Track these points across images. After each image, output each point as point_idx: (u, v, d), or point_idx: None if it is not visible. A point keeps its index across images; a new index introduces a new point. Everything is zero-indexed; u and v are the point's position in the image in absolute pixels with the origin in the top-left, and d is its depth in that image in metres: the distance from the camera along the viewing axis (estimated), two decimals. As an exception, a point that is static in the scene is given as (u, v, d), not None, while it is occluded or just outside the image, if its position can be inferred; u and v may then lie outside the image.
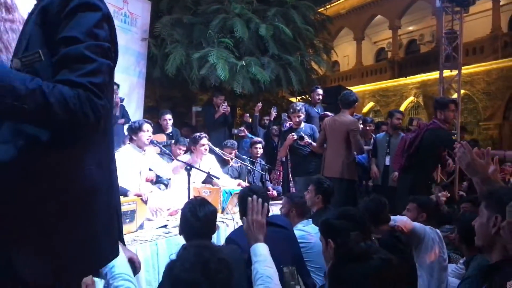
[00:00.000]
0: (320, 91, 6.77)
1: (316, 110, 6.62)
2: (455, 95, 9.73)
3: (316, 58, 9.07)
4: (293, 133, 5.28)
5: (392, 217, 2.82)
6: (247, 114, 8.10)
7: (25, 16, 1.34)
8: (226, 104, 7.06)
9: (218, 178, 4.43)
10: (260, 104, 7.50)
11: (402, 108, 17.21)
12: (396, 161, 4.94)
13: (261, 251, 1.95)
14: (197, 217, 2.23)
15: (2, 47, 1.37)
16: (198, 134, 4.94)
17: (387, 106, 18.13)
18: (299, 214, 3.19)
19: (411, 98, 17.65)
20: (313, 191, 3.50)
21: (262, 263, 1.89)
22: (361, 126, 6.04)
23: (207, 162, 4.90)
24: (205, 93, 9.31)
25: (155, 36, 7.60)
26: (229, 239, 2.48)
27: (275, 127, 7.22)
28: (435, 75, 14.00)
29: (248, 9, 7.68)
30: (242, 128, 7.24)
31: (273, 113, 7.37)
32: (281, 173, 6.43)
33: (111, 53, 1.19)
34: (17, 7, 1.47)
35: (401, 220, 2.85)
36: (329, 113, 6.16)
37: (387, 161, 5.62)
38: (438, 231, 3.04)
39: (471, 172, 1.98)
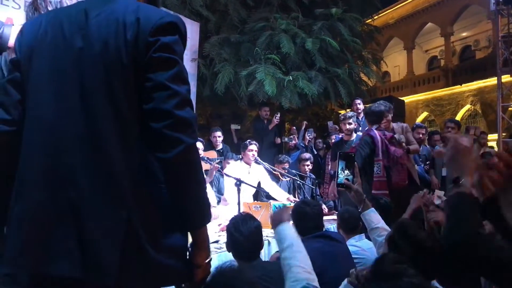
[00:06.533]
0: (357, 101, 6.64)
1: (362, 121, 6.56)
2: (516, 101, 9.22)
3: (365, 69, 8.95)
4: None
5: None
6: (294, 128, 8.13)
7: None
8: (279, 115, 7.23)
9: (267, 194, 4.46)
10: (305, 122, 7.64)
11: (458, 117, 16.49)
12: None
13: (288, 233, 1.69)
14: (241, 233, 2.20)
15: None
16: (248, 140, 5.11)
17: (442, 115, 17.47)
18: (347, 230, 3.12)
19: (467, 106, 16.90)
20: None
21: (290, 249, 1.65)
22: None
23: (257, 173, 4.97)
24: (254, 110, 9.43)
25: (204, 56, 7.81)
26: None
27: (319, 140, 7.23)
28: (493, 81, 13.34)
29: (294, 24, 7.74)
30: (293, 136, 7.29)
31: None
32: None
33: None
34: None
35: None
36: None
37: (444, 172, 5.41)
38: None
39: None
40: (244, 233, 2.21)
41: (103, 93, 1.13)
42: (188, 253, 1.24)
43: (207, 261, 1.24)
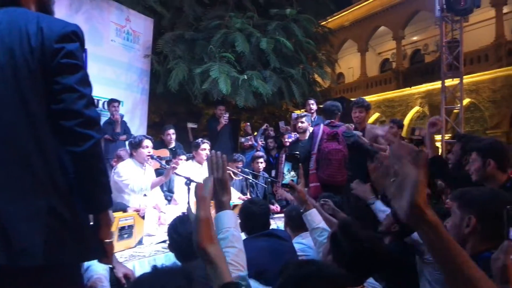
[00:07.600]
0: (311, 101, 6.72)
1: (314, 121, 6.65)
2: (459, 104, 9.69)
3: (319, 71, 9.09)
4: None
5: None
6: (248, 124, 8.15)
7: None
8: (227, 115, 7.19)
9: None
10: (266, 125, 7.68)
11: (407, 118, 17.15)
12: None
13: (226, 222, 1.53)
14: (179, 234, 2.20)
15: None
16: (200, 139, 5.04)
17: (392, 116, 18.07)
18: (294, 228, 3.17)
19: (416, 108, 17.59)
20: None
21: (223, 243, 1.48)
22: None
23: (209, 171, 4.92)
24: (211, 108, 9.37)
25: (158, 52, 7.68)
26: None
27: (270, 140, 7.28)
28: (440, 84, 13.98)
29: (249, 23, 7.76)
30: (250, 137, 7.29)
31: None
32: (284, 185, 6.40)
33: None
34: None
35: None
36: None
37: None
38: None
39: None
40: (182, 234, 2.19)
41: (13, 96, 1.25)
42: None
43: (111, 239, 1.43)
